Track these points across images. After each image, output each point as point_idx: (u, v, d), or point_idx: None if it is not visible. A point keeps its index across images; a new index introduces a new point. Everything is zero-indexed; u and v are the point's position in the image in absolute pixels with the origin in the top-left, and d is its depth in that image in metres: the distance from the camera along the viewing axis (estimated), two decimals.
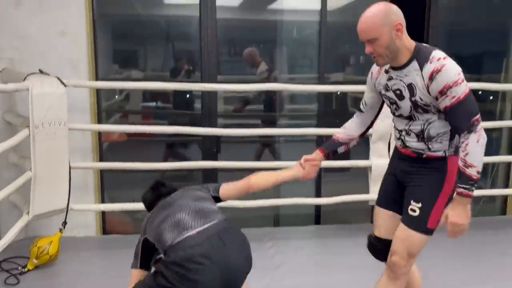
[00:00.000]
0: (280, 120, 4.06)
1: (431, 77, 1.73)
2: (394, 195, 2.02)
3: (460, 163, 1.73)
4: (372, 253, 2.12)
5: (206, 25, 3.45)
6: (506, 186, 4.12)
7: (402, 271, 1.92)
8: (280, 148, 4.05)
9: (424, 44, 1.84)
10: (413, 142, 1.87)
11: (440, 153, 1.85)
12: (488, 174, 4.28)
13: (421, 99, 1.79)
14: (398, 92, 1.85)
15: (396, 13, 1.78)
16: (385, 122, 3.28)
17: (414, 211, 1.87)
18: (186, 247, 1.62)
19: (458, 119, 1.74)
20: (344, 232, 3.56)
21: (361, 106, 2.12)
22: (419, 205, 1.86)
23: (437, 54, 1.75)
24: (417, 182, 1.90)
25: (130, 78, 3.75)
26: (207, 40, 3.46)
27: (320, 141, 3.83)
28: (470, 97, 1.73)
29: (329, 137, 2.46)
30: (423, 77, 1.76)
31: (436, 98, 1.76)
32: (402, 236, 1.89)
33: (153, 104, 4.03)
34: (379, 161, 3.34)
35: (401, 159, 1.99)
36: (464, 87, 1.72)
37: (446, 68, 1.71)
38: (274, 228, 3.83)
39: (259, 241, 3.20)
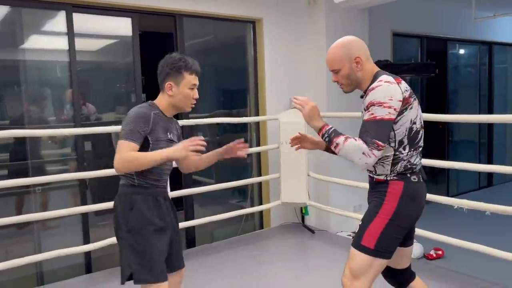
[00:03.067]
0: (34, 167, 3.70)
1: (366, 94, 1.86)
2: None
3: (337, 139, 1.84)
4: (387, 280, 2.16)
5: None
6: (260, 203, 4.74)
7: None
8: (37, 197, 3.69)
9: (385, 72, 1.93)
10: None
11: (382, 177, 1.92)
12: (248, 194, 4.84)
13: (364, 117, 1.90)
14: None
15: (357, 47, 1.92)
16: None
17: (357, 228, 1.96)
18: None
19: (364, 132, 1.82)
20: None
21: None
22: (360, 223, 1.95)
23: (385, 77, 1.85)
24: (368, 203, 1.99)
25: None
26: None
27: (83, 185, 3.68)
28: (385, 124, 1.78)
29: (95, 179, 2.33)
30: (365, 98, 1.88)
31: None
32: (349, 256, 1.96)
33: None
34: None
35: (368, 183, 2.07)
36: (385, 112, 1.77)
37: (380, 88, 1.80)
38: None
39: None
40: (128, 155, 1.85)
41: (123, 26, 3.92)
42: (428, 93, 6.51)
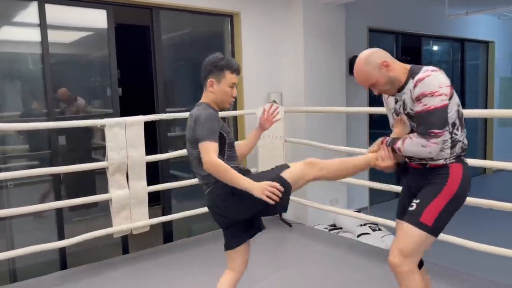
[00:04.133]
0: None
1: (415, 85, 1.89)
2: (407, 207, 2.08)
3: (396, 145, 1.99)
4: None
5: None
6: None
7: (399, 270, 1.94)
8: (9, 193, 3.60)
9: (418, 65, 2.00)
10: None
11: (441, 162, 1.98)
12: None
13: (411, 109, 1.96)
14: (400, 110, 2.04)
15: (378, 56, 1.99)
16: (121, 154, 3.34)
17: (411, 206, 1.99)
18: None
19: (420, 125, 1.90)
20: (95, 271, 3.42)
21: (392, 127, 2.20)
22: (417, 201, 1.98)
23: (427, 67, 1.93)
24: (423, 188, 2.01)
25: None
26: None
27: (57, 180, 3.61)
28: (440, 111, 1.86)
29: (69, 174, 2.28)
30: (410, 89, 1.93)
31: (414, 103, 1.91)
32: (398, 234, 2.01)
33: None
34: (119, 192, 3.36)
35: (411, 173, 2.11)
36: (438, 100, 1.85)
37: (429, 78, 1.87)
38: (11, 286, 3.36)
39: None
40: (221, 164, 1.98)
41: (98, 18, 3.85)
42: None
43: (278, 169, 2.12)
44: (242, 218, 2.17)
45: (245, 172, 2.11)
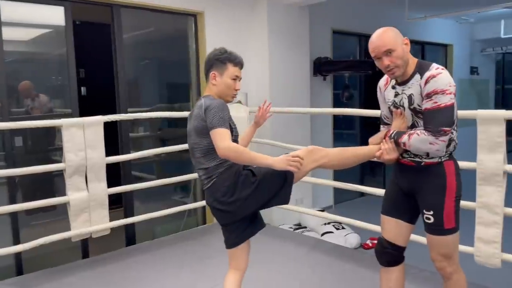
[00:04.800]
0: None
1: (427, 81, 1.91)
2: (396, 204, 2.18)
3: (401, 139, 2.00)
4: (380, 256, 2.24)
5: None
6: (203, 198, 4.70)
7: (449, 271, 2.07)
8: None
9: (425, 61, 2.02)
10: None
11: (436, 159, 2.02)
12: (191, 190, 4.79)
13: (418, 105, 1.97)
14: (402, 104, 2.04)
15: (400, 33, 1.99)
16: (79, 155, 3.24)
17: (429, 219, 2.04)
18: None
19: (430, 122, 1.92)
20: (53, 276, 3.30)
21: (384, 120, 2.24)
22: (431, 212, 2.03)
23: (436, 65, 1.95)
24: (423, 190, 2.05)
25: None
26: None
27: (12, 183, 3.47)
28: (449, 109, 1.91)
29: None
30: (420, 84, 1.94)
31: (423, 99, 1.92)
32: (431, 244, 2.07)
33: None
34: (77, 195, 3.26)
35: (402, 169, 2.13)
36: (448, 99, 1.89)
37: (441, 76, 1.89)
38: None
39: None
40: (238, 147, 1.98)
41: (56, 15, 3.72)
42: (366, 90, 6.76)
43: None
44: (246, 212, 2.12)
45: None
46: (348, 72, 5.97)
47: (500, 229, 2.73)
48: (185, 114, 4.35)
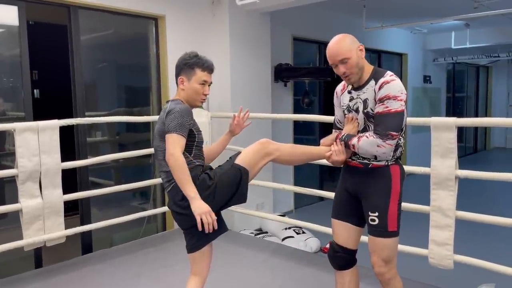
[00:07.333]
0: None
1: (381, 87, 1.99)
2: (345, 207, 2.22)
3: (351, 141, 2.06)
4: (332, 260, 2.27)
5: None
6: (163, 204, 4.63)
7: (387, 277, 2.11)
8: None
9: (381, 68, 2.12)
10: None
11: (383, 163, 2.08)
12: (150, 196, 4.70)
13: (372, 109, 2.04)
14: (356, 108, 2.10)
15: (355, 39, 2.07)
16: (33, 160, 3.12)
17: (373, 220, 2.08)
18: None
19: (379, 125, 1.99)
20: (13, 285, 3.15)
21: (337, 124, 2.29)
22: (376, 214, 2.07)
23: (391, 72, 2.04)
24: (368, 192, 2.10)
25: None
26: None
27: None
28: (399, 116, 1.98)
29: None
30: (375, 89, 2.01)
31: (376, 104, 1.99)
32: (374, 247, 2.11)
33: None
34: (30, 202, 3.12)
35: (349, 172, 2.19)
36: (399, 105, 1.97)
37: (395, 83, 1.98)
38: None
39: None
40: (181, 161, 1.97)
41: (9, 15, 3.57)
42: (325, 96, 6.89)
43: (233, 158, 2.17)
44: None
45: (208, 169, 2.17)
46: (308, 78, 6.07)
47: (452, 231, 2.85)
48: (144, 118, 4.28)
